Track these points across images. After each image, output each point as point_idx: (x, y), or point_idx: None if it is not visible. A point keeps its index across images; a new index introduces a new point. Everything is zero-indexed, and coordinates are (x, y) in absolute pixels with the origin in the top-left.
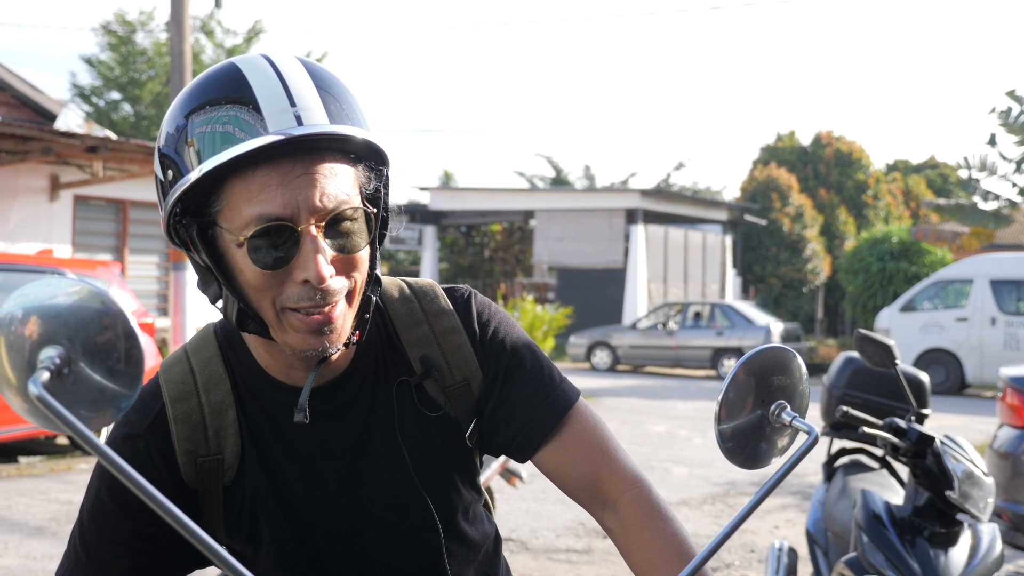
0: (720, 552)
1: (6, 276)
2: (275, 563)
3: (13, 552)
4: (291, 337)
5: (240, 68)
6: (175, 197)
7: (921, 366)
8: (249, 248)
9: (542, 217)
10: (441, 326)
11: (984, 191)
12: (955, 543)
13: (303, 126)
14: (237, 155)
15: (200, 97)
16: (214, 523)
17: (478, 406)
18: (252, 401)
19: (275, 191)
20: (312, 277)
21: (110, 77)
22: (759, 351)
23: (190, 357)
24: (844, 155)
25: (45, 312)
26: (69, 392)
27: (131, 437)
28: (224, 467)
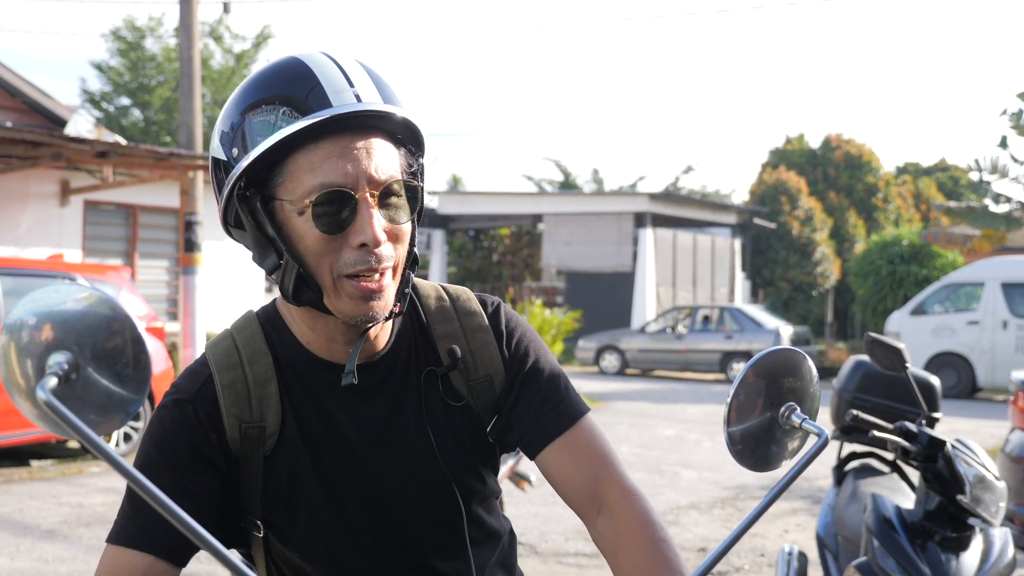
0: (730, 556)
1: (17, 281)
2: (310, 535)
3: (25, 555)
4: (344, 303)
5: (300, 58)
6: (242, 168)
7: (932, 370)
8: (313, 214)
9: (550, 221)
10: (470, 324)
11: (995, 194)
12: (966, 547)
13: (363, 103)
14: (308, 125)
15: (265, 83)
16: (253, 492)
17: (498, 403)
18: (292, 376)
19: (336, 162)
20: (369, 240)
21: (120, 83)
22: (769, 353)
23: (234, 335)
24: (854, 158)
25: (54, 318)
26: (78, 397)
27: (181, 402)
28: (266, 435)
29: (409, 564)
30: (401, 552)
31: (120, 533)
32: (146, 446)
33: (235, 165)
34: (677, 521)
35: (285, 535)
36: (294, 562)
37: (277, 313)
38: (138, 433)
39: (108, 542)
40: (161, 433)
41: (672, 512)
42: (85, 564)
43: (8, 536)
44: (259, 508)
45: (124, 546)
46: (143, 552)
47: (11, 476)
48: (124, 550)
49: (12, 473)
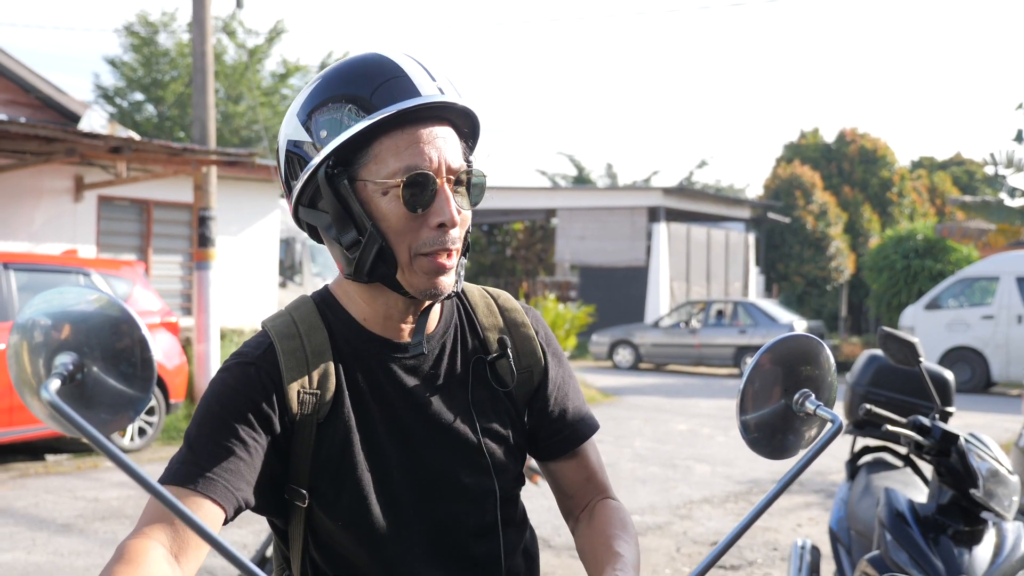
0: (743, 550)
1: (31, 276)
2: (355, 505)
3: (41, 549)
4: (417, 278)
5: (383, 54)
6: (335, 146)
7: (946, 364)
8: (402, 194)
9: (564, 215)
10: (512, 320)
11: (1011, 188)
12: (979, 541)
13: (446, 95)
14: (407, 108)
15: (354, 73)
16: (303, 459)
17: (534, 395)
18: (347, 350)
19: (419, 148)
20: (447, 220)
21: (133, 78)
22: (785, 339)
23: (291, 312)
24: (868, 152)
25: (62, 319)
26: (85, 397)
27: (244, 364)
28: (321, 403)
29: (446, 542)
30: (439, 529)
31: (175, 475)
32: (207, 401)
33: (323, 146)
34: (690, 515)
35: (330, 504)
36: (334, 534)
37: (331, 294)
38: (152, 428)
39: (161, 483)
40: (223, 389)
41: (685, 506)
42: (100, 558)
43: (24, 530)
44: (307, 476)
45: (178, 486)
46: (197, 493)
47: (27, 470)
48: (178, 489)
49: (28, 467)
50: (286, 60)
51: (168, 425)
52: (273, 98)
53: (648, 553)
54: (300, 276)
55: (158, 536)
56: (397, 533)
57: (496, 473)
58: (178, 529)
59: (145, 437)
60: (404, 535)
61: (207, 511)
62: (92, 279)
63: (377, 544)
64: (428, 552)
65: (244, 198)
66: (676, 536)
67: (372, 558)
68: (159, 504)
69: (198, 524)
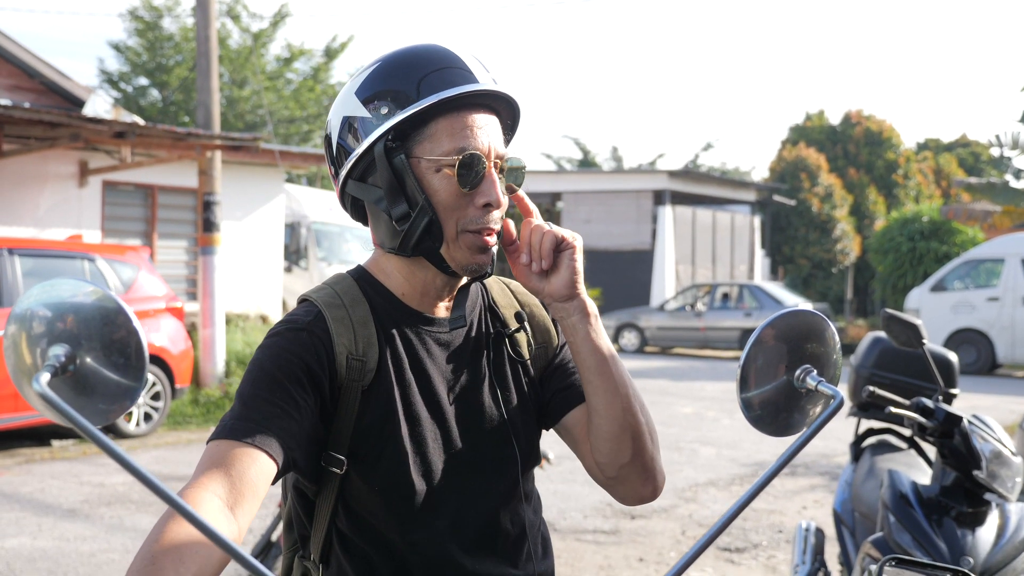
0: (748, 533)
1: (36, 262)
2: (392, 469)
3: (47, 534)
4: (461, 253)
5: (442, 45)
6: (395, 121)
7: (952, 346)
8: (457, 172)
9: (570, 199)
10: (525, 301)
11: (1016, 169)
12: (982, 523)
13: (498, 86)
14: (458, 93)
15: (415, 58)
16: (346, 424)
17: (550, 364)
18: (388, 321)
19: (473, 131)
20: (493, 200)
21: (137, 63)
22: (789, 313)
23: (332, 286)
24: (874, 134)
25: (57, 311)
26: (79, 387)
27: (295, 329)
28: (365, 370)
29: (474, 511)
30: (470, 496)
31: (230, 430)
32: (259, 361)
33: (382, 122)
34: (695, 498)
35: (369, 468)
36: (366, 502)
37: (367, 272)
38: (158, 413)
39: (213, 439)
40: (276, 351)
41: (691, 489)
42: (106, 543)
43: (30, 515)
44: (348, 441)
45: (233, 439)
46: (253, 446)
47: (32, 456)
48: (232, 443)
49: (34, 453)
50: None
51: (174, 410)
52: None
53: (654, 536)
54: (305, 260)
55: (214, 487)
56: (429, 500)
57: (518, 443)
58: (234, 480)
59: (151, 422)
60: (436, 502)
61: (262, 464)
62: (97, 264)
63: (409, 510)
64: (456, 521)
65: (249, 183)
66: (681, 519)
67: (401, 525)
68: (214, 453)
69: (187, 509)
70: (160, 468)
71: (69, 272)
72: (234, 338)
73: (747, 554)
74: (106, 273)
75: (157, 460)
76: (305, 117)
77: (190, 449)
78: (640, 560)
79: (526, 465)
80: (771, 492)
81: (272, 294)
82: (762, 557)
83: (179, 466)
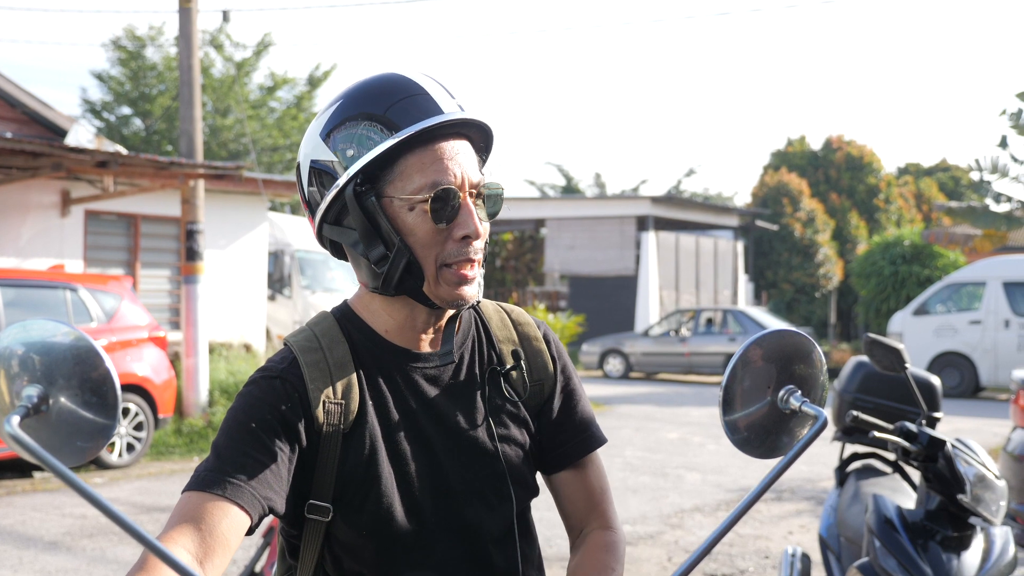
0: (735, 559)
1: (18, 292)
2: (379, 512)
3: (28, 567)
4: (443, 289)
5: (402, 73)
6: (361, 165)
7: (935, 369)
8: (430, 209)
9: (553, 225)
10: (525, 334)
11: (996, 193)
12: (968, 547)
13: (466, 112)
14: (435, 124)
15: (376, 92)
16: (328, 471)
17: (542, 408)
18: (370, 361)
19: (444, 164)
20: (471, 232)
21: (120, 92)
22: (773, 333)
23: (311, 327)
24: (855, 159)
25: (31, 352)
26: (52, 427)
27: (268, 377)
28: (346, 414)
29: (468, 548)
30: (460, 536)
31: (202, 481)
32: (234, 411)
33: (349, 164)
34: (681, 524)
35: (354, 513)
36: (353, 546)
37: (351, 309)
38: (141, 444)
39: (187, 490)
40: (250, 400)
41: (676, 515)
42: (88, 575)
43: (11, 548)
44: (332, 487)
45: (205, 491)
46: (224, 499)
47: (14, 488)
48: (204, 495)
49: (15, 485)
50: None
51: (157, 440)
52: (261, 111)
53: (639, 563)
54: (289, 289)
55: (183, 541)
56: (419, 540)
57: (512, 480)
58: (204, 534)
59: (134, 452)
60: (426, 542)
61: (233, 517)
62: (79, 294)
63: (399, 552)
64: (449, 560)
65: (232, 211)
66: (667, 545)
67: (392, 567)
68: (186, 506)
69: (159, 548)
70: (143, 499)
71: (51, 302)
72: (217, 367)
73: None
74: (88, 303)
75: (140, 491)
76: (288, 145)
77: (173, 479)
78: None
79: (521, 501)
80: (757, 518)
81: (256, 323)
82: None
83: (162, 496)
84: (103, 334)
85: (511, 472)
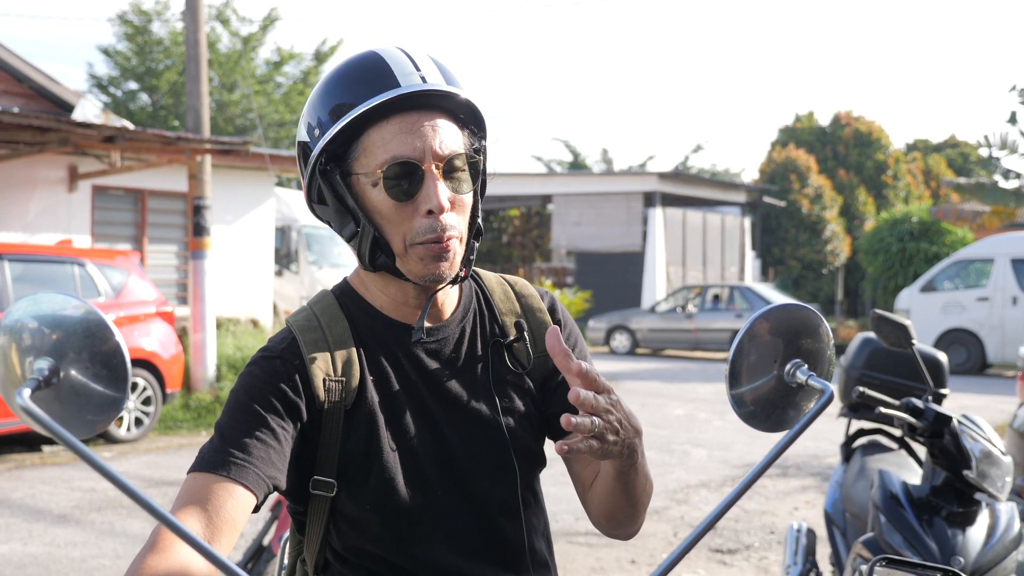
0: (740, 534)
1: (26, 267)
2: (384, 486)
3: (38, 540)
4: (414, 264)
5: (376, 50)
6: (322, 146)
7: (942, 346)
8: (385, 185)
9: (560, 201)
10: (529, 305)
11: (1005, 170)
12: (973, 522)
13: (427, 84)
14: (376, 103)
15: (344, 71)
16: (332, 446)
17: (546, 380)
18: (369, 337)
19: (405, 137)
20: (434, 207)
21: (127, 67)
22: (780, 307)
23: (311, 306)
24: (863, 135)
25: (43, 325)
26: (63, 400)
27: (268, 357)
28: (347, 389)
29: (475, 518)
30: (468, 505)
31: (207, 463)
32: (236, 393)
33: (315, 144)
34: (687, 500)
35: (359, 488)
36: (359, 521)
37: (350, 286)
38: (149, 418)
39: (193, 471)
40: (251, 381)
41: (682, 491)
42: (97, 548)
43: (21, 521)
44: (336, 463)
45: (210, 472)
46: (229, 479)
47: (23, 462)
48: (209, 476)
49: (24, 459)
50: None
51: (165, 415)
52: (267, 86)
53: (645, 538)
54: (296, 264)
55: (190, 522)
56: (424, 513)
57: (516, 451)
58: (210, 515)
59: (142, 427)
60: (431, 515)
61: (239, 497)
62: (87, 269)
63: (404, 525)
64: (455, 532)
65: (239, 187)
66: (673, 521)
67: (398, 541)
68: (192, 487)
69: (171, 520)
70: (151, 473)
71: (59, 277)
72: (225, 342)
73: (739, 555)
74: (96, 278)
75: (148, 465)
76: (295, 121)
77: (181, 454)
78: (632, 562)
79: (525, 472)
80: (762, 493)
81: (263, 298)
82: (754, 558)
83: (170, 471)
84: (111, 309)
85: (515, 443)
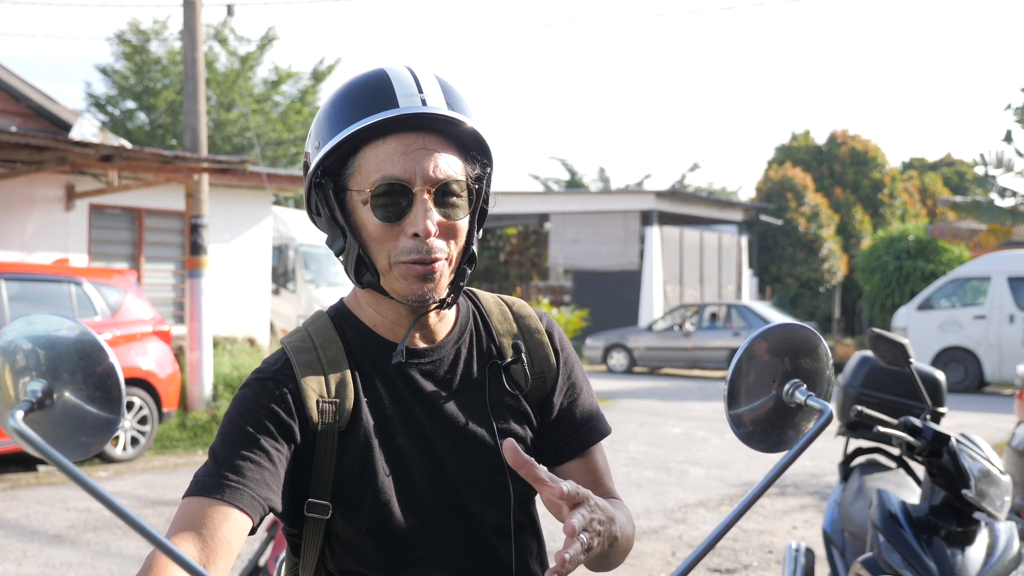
0: (738, 553)
1: (23, 286)
2: (378, 508)
3: (32, 560)
4: (398, 284)
5: (383, 68)
6: (319, 158)
7: (939, 364)
8: (372, 204)
9: (557, 220)
10: (527, 326)
11: (1001, 188)
12: (972, 542)
13: (426, 107)
14: (372, 122)
15: (349, 89)
16: (326, 468)
17: (544, 401)
18: (363, 358)
19: (398, 158)
20: (420, 231)
21: (125, 86)
22: (779, 327)
23: (306, 327)
24: (859, 154)
25: (36, 347)
26: (58, 420)
27: (261, 379)
28: (341, 411)
29: (470, 540)
30: (463, 527)
31: (202, 486)
32: (229, 416)
33: (314, 159)
34: (685, 519)
35: (353, 510)
36: (354, 543)
37: (345, 306)
38: (145, 437)
39: (188, 495)
40: (244, 403)
41: (680, 510)
42: (92, 569)
43: (15, 541)
44: (330, 485)
45: (205, 496)
46: (224, 503)
47: (18, 481)
48: (205, 500)
49: (19, 478)
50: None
51: (161, 434)
52: (265, 105)
53: (643, 557)
54: (293, 283)
55: (185, 547)
56: (419, 536)
57: (511, 474)
58: (206, 539)
59: (138, 446)
60: (427, 538)
61: (234, 520)
62: (84, 288)
63: (399, 548)
64: (451, 554)
65: (236, 205)
66: (671, 540)
67: (393, 563)
68: (187, 511)
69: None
70: (147, 492)
71: (56, 296)
72: (222, 361)
73: (737, 575)
74: (93, 297)
75: (144, 484)
76: (292, 140)
77: (177, 473)
78: None
79: (520, 495)
80: (760, 512)
81: (260, 317)
82: None
83: (166, 491)
84: (107, 328)
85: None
